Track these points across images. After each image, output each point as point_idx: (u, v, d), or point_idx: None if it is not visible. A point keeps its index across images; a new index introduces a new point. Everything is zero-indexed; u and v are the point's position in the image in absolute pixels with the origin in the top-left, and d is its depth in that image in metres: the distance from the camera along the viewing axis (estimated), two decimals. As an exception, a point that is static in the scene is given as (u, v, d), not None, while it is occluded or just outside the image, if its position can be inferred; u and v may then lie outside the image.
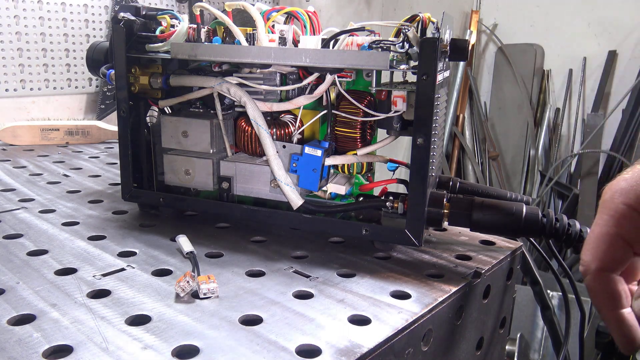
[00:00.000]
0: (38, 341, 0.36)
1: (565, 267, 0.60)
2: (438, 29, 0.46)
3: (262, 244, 0.55)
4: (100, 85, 1.21)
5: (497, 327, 0.57)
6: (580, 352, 0.64)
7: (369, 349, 0.37)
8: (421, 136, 0.47)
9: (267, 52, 0.51)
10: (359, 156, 0.54)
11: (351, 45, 0.50)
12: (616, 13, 2.26)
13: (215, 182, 0.57)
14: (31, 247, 0.52)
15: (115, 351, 0.35)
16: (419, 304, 0.43)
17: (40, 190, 0.72)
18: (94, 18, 1.18)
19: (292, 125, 0.56)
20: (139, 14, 0.58)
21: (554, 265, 0.63)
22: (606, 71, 2.28)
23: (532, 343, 1.55)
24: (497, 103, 2.53)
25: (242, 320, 0.40)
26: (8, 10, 1.05)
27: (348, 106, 0.53)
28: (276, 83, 0.56)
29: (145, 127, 0.61)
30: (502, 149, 2.48)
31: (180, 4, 1.29)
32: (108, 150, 1.00)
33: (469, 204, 0.50)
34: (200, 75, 0.57)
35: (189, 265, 0.48)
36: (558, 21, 2.39)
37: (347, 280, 0.47)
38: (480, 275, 0.49)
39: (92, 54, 0.67)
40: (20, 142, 1.00)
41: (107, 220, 0.60)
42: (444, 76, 0.52)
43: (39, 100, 1.14)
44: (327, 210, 0.54)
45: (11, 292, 0.43)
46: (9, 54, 1.07)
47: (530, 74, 2.43)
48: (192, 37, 0.54)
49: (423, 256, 0.53)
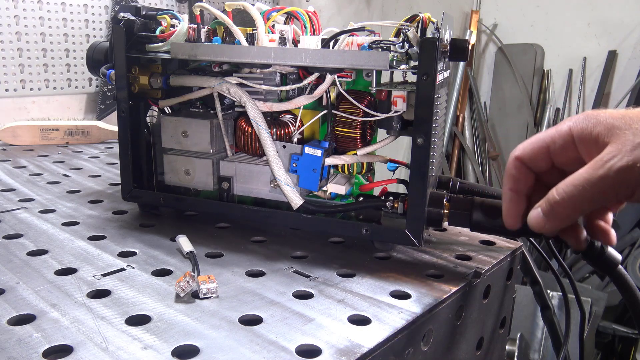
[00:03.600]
0: (38, 341, 0.36)
1: (565, 267, 0.60)
2: (438, 29, 0.46)
3: (262, 244, 0.55)
4: (100, 85, 1.21)
5: (497, 327, 0.57)
6: (580, 352, 0.64)
7: (369, 349, 0.37)
8: (421, 136, 0.47)
9: (267, 52, 0.51)
10: (359, 156, 0.54)
11: (351, 45, 0.50)
12: (616, 13, 2.26)
13: (215, 182, 0.57)
14: (31, 247, 0.52)
15: (115, 351, 0.35)
16: (419, 304, 0.43)
17: (40, 190, 0.72)
18: (94, 18, 1.18)
19: (292, 125, 0.56)
20: (139, 14, 0.58)
21: (554, 265, 0.63)
22: (606, 71, 2.28)
23: (532, 343, 1.55)
24: (497, 103, 2.53)
25: (242, 320, 0.40)
26: (8, 10, 1.05)
27: (348, 106, 0.53)
28: (276, 83, 0.56)
29: (145, 127, 0.61)
30: (502, 149, 2.48)
31: (180, 4, 1.29)
32: (108, 150, 1.00)
33: (469, 204, 0.50)
34: (200, 75, 0.57)
35: (189, 265, 0.48)
36: (558, 21, 2.39)
37: (347, 280, 0.47)
38: (480, 275, 0.49)
39: (92, 54, 0.67)
40: (20, 142, 1.00)
41: (107, 220, 0.60)
42: (444, 76, 0.52)
43: (39, 100, 1.14)
44: (327, 210, 0.54)
45: (11, 292, 0.43)
46: (9, 54, 1.07)
47: (530, 74, 2.43)
48: (192, 37, 0.54)
49: (423, 256, 0.53)
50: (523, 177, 0.41)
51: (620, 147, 0.34)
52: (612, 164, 0.34)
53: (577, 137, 0.38)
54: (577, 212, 0.37)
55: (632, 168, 0.33)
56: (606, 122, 0.36)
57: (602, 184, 0.35)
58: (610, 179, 0.34)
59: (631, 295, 0.45)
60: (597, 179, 0.35)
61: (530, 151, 0.40)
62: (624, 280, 0.44)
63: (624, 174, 0.34)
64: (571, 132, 0.38)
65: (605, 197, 0.35)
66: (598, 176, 0.35)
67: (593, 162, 0.35)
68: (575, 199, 0.36)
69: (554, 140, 0.39)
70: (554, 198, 0.37)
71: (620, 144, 0.35)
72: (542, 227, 0.39)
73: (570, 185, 0.36)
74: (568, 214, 0.37)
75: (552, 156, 0.40)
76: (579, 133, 0.38)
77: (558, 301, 1.50)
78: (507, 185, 0.42)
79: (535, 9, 2.45)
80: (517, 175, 0.41)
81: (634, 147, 0.34)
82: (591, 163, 0.36)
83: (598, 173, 0.35)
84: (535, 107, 2.43)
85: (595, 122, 0.37)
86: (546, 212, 0.38)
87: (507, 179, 0.41)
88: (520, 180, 0.41)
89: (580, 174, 0.36)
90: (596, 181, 0.35)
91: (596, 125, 0.37)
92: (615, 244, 0.42)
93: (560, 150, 0.39)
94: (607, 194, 0.35)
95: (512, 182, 0.41)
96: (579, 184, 0.36)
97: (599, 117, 0.37)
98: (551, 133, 0.39)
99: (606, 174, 0.34)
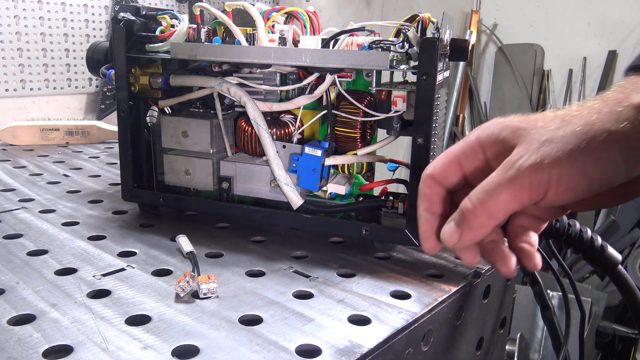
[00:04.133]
0: (38, 341, 0.36)
1: (565, 267, 0.60)
2: (438, 29, 0.46)
3: (262, 244, 0.55)
4: (100, 85, 1.21)
5: (497, 327, 0.57)
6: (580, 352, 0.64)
7: (369, 349, 0.37)
8: (421, 136, 0.47)
9: (267, 52, 0.51)
10: (359, 156, 0.54)
11: (351, 45, 0.50)
12: (616, 13, 2.26)
13: (215, 182, 0.57)
14: (31, 247, 0.52)
15: (115, 351, 0.35)
16: (419, 304, 0.43)
17: (40, 190, 0.72)
18: (94, 18, 1.18)
19: (292, 125, 0.56)
20: (139, 14, 0.58)
21: (554, 265, 0.63)
22: (606, 71, 2.28)
23: (532, 343, 1.55)
24: (497, 103, 2.53)
25: (242, 320, 0.40)
26: (8, 10, 1.05)
27: (348, 106, 0.53)
28: (276, 83, 0.56)
29: (145, 127, 0.61)
30: (502, 149, 2.48)
31: (180, 4, 1.29)
32: (108, 150, 1.00)
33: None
34: (200, 75, 0.57)
35: (189, 265, 0.48)
36: (558, 21, 2.40)
37: (347, 280, 0.47)
38: (480, 275, 0.49)
39: (92, 54, 0.67)
40: (20, 142, 1.00)
41: (107, 220, 0.60)
42: (444, 76, 0.52)
43: (39, 100, 1.14)
44: (327, 210, 0.54)
45: (11, 292, 0.43)
46: (9, 54, 1.07)
47: (530, 74, 2.43)
48: (192, 37, 0.54)
49: (423, 256, 0.53)
50: (436, 196, 0.39)
51: (527, 146, 0.34)
52: (520, 163, 0.33)
53: (485, 144, 0.37)
54: (491, 219, 0.35)
55: (541, 165, 0.32)
56: (512, 126, 0.35)
57: (513, 185, 0.33)
58: (521, 180, 0.33)
59: (631, 295, 0.45)
60: (507, 181, 0.33)
61: (440, 167, 0.39)
62: (624, 280, 0.44)
63: (533, 172, 0.32)
64: (479, 140, 0.37)
65: (518, 200, 0.33)
66: (508, 177, 0.33)
67: (502, 165, 0.34)
68: (488, 205, 0.34)
69: (463, 151, 0.38)
70: (466, 207, 0.35)
71: (527, 144, 0.34)
72: (455, 240, 0.36)
73: (481, 191, 0.34)
74: (481, 223, 0.35)
75: (462, 168, 0.38)
76: (486, 139, 0.37)
77: (558, 301, 1.50)
78: (422, 206, 0.39)
79: (535, 9, 2.45)
80: (430, 194, 0.39)
81: (540, 145, 0.33)
82: (500, 167, 0.34)
83: (508, 174, 0.33)
84: (535, 107, 2.43)
85: (502, 126, 0.36)
86: (459, 222, 0.36)
87: (421, 199, 0.39)
88: (434, 199, 0.39)
89: (491, 178, 0.34)
90: (506, 183, 0.33)
91: (502, 130, 0.36)
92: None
93: (471, 160, 0.37)
94: (519, 195, 0.33)
95: (426, 202, 0.39)
96: (490, 189, 0.34)
97: (504, 122, 0.36)
98: (460, 145, 0.38)
99: (515, 174, 0.33)
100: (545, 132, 0.33)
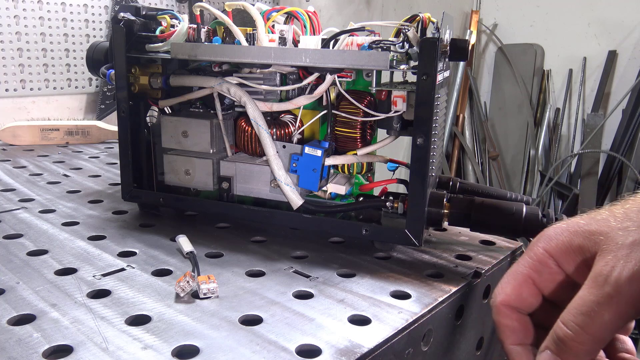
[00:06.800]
0: (38, 341, 0.36)
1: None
2: (438, 29, 0.46)
3: (262, 244, 0.55)
4: (100, 85, 1.21)
5: (497, 327, 0.57)
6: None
7: (369, 349, 0.37)
8: (421, 136, 0.47)
9: (267, 52, 0.51)
10: (359, 156, 0.54)
11: (351, 45, 0.50)
12: (616, 13, 2.26)
13: (215, 182, 0.57)
14: (31, 247, 0.52)
15: (115, 351, 0.35)
16: (419, 304, 0.43)
17: (40, 190, 0.72)
18: (94, 18, 1.18)
19: (292, 125, 0.56)
20: (139, 14, 0.58)
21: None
22: (606, 71, 2.28)
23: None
24: (497, 103, 2.53)
25: (242, 320, 0.40)
26: (8, 10, 1.05)
27: (348, 106, 0.53)
28: (276, 83, 0.56)
29: (145, 127, 0.61)
30: (502, 149, 2.48)
31: (180, 4, 1.29)
32: (108, 150, 1.00)
33: (469, 204, 0.50)
34: (200, 75, 0.57)
35: (189, 265, 0.48)
36: (558, 21, 2.40)
37: (347, 280, 0.47)
38: (480, 275, 0.49)
39: (92, 54, 0.67)
40: (20, 142, 1.00)
41: (107, 220, 0.60)
42: (444, 76, 0.52)
43: (39, 100, 1.14)
44: (327, 210, 0.54)
45: (11, 292, 0.43)
46: (9, 54, 1.07)
47: (530, 74, 2.43)
48: (192, 37, 0.54)
49: (423, 256, 0.53)
50: (519, 324, 0.35)
51: (615, 253, 0.30)
52: (615, 276, 0.29)
53: (557, 256, 0.34)
54: (598, 343, 0.30)
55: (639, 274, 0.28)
56: (582, 231, 0.32)
57: (616, 302, 0.29)
58: (622, 295, 0.29)
59: None
60: (606, 299, 0.29)
61: (512, 291, 0.35)
62: None
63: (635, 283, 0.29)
64: (548, 253, 0.34)
65: (624, 316, 0.29)
66: (607, 295, 0.29)
67: (591, 279, 0.30)
68: (592, 329, 0.30)
69: (534, 267, 0.34)
70: (565, 334, 0.30)
71: (613, 250, 0.30)
72: None
73: (578, 315, 0.30)
74: (588, 349, 0.30)
75: (539, 287, 0.34)
76: (556, 251, 0.34)
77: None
78: (507, 341, 0.35)
79: (535, 9, 2.45)
80: (512, 325, 0.35)
81: (629, 250, 0.29)
82: (590, 281, 0.30)
83: (605, 291, 0.29)
84: (535, 107, 2.43)
85: (570, 233, 0.33)
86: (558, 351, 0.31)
87: (503, 333, 0.35)
88: (517, 329, 0.35)
89: (586, 298, 0.30)
90: (606, 301, 0.29)
91: (573, 237, 0.33)
92: None
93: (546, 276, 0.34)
94: (624, 311, 0.29)
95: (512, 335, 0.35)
96: (589, 311, 0.30)
97: (570, 228, 0.33)
98: (527, 261, 0.34)
99: (615, 290, 0.29)
100: (629, 234, 0.30)
